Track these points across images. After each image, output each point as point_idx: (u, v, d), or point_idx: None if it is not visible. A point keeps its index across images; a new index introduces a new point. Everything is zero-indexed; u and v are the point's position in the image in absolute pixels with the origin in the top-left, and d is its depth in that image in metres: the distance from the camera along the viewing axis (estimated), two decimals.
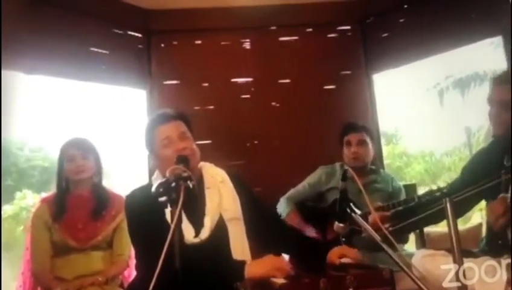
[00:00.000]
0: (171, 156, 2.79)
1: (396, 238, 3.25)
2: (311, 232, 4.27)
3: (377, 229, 2.90)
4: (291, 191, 4.63)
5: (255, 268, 2.56)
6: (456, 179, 3.60)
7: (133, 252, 3.72)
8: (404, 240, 4.32)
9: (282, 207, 4.51)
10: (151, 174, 3.29)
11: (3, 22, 4.19)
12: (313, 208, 4.51)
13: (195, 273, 2.29)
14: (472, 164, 3.55)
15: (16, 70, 4.76)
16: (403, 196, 4.40)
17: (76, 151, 3.90)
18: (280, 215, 4.37)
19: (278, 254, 2.69)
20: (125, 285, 3.90)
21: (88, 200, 3.96)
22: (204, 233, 2.86)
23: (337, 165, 4.60)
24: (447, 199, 2.22)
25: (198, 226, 2.88)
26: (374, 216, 3.68)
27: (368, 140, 4.43)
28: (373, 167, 4.53)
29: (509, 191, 2.92)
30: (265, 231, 3.13)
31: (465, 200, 3.04)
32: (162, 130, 2.96)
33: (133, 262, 3.72)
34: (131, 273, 4.05)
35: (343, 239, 4.02)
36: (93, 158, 3.98)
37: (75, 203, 3.92)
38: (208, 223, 2.90)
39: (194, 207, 2.89)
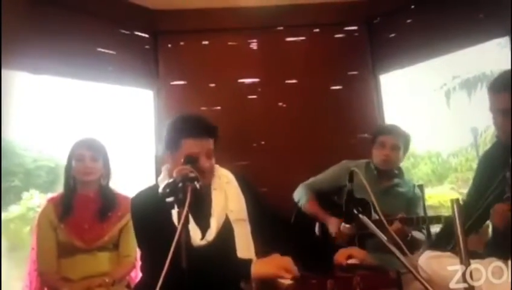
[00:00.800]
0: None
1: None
2: (333, 224, 4.21)
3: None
4: (311, 179, 4.62)
5: (261, 267, 2.56)
6: (469, 190, 3.59)
7: (138, 253, 3.73)
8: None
9: (300, 194, 4.52)
10: (158, 175, 3.29)
11: (9, 23, 4.19)
12: (332, 202, 4.48)
13: (202, 274, 2.30)
14: (478, 171, 3.54)
15: (21, 70, 4.78)
16: (420, 205, 4.44)
17: (86, 152, 3.92)
18: (287, 217, 4.36)
19: (285, 253, 2.69)
20: (132, 286, 3.92)
21: (94, 201, 3.99)
22: (211, 235, 2.89)
23: (362, 162, 4.55)
24: (454, 200, 2.21)
25: (204, 227, 2.91)
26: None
27: (401, 146, 4.40)
28: (396, 171, 4.50)
29: None
30: (272, 232, 3.14)
31: (479, 215, 3.04)
32: (191, 145, 2.94)
33: (139, 263, 3.72)
34: (137, 275, 4.05)
35: (357, 241, 4.01)
36: (102, 160, 4.01)
37: (82, 204, 3.95)
38: (214, 224, 2.93)
39: (201, 208, 2.90)
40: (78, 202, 3.96)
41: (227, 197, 3.09)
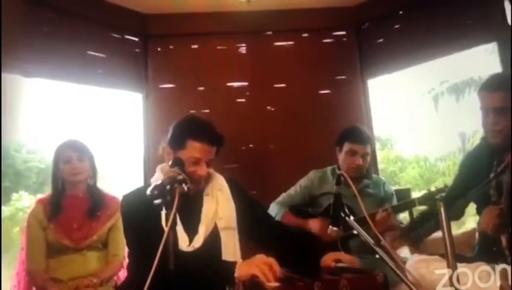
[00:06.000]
0: (189, 172, 2.78)
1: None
2: (314, 223, 4.19)
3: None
4: (283, 196, 4.57)
5: (244, 267, 2.55)
6: (450, 187, 3.63)
7: (126, 251, 3.74)
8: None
9: (273, 211, 4.41)
10: (146, 177, 3.27)
11: (1, 25, 4.20)
12: (307, 213, 4.47)
13: (187, 277, 2.29)
14: (462, 170, 3.57)
15: (13, 73, 4.76)
16: (394, 201, 4.40)
17: (72, 153, 3.94)
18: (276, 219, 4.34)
19: (272, 255, 2.69)
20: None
21: (83, 200, 4.01)
22: (198, 241, 2.89)
23: (329, 169, 4.55)
24: (441, 203, 2.23)
25: (192, 232, 2.91)
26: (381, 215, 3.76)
27: (370, 151, 4.37)
28: (364, 172, 4.45)
29: (503, 196, 2.94)
30: (262, 236, 3.15)
31: (456, 206, 3.06)
32: (197, 148, 2.92)
33: (127, 261, 3.71)
34: (125, 275, 4.05)
35: (340, 244, 4.01)
36: (88, 160, 4.02)
37: (71, 204, 3.97)
38: (203, 230, 2.93)
39: (190, 212, 2.91)
40: (67, 202, 3.97)
41: (218, 203, 3.07)
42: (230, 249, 3.00)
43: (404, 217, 4.47)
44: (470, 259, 3.05)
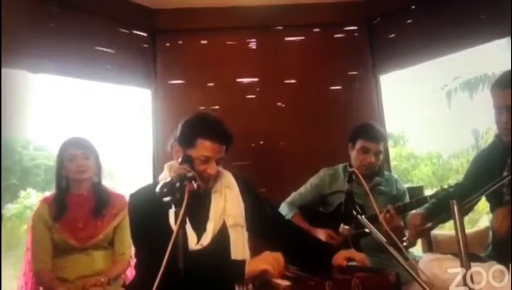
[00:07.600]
0: (198, 171, 2.75)
1: None
2: (320, 233, 4.12)
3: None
4: (293, 195, 4.54)
5: (253, 264, 2.58)
6: (461, 182, 3.59)
7: (133, 251, 3.70)
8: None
9: (284, 212, 4.37)
10: (155, 174, 3.24)
11: (8, 22, 4.17)
12: (318, 212, 4.43)
13: (196, 276, 2.26)
14: (475, 166, 3.52)
15: (20, 69, 4.74)
16: (407, 198, 4.35)
17: (77, 151, 3.91)
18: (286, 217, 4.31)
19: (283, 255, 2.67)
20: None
21: (88, 199, 3.98)
22: (206, 239, 2.87)
23: (340, 167, 4.50)
24: (454, 201, 2.19)
25: (200, 230, 2.89)
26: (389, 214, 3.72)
27: (383, 149, 4.33)
28: (376, 170, 4.41)
29: None
30: (271, 234, 3.12)
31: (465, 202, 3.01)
32: (207, 147, 2.90)
33: (134, 261, 3.69)
34: (133, 273, 4.02)
35: (351, 242, 3.98)
36: (93, 158, 3.99)
37: (76, 203, 3.94)
38: (211, 228, 2.91)
39: (199, 211, 2.88)
40: (72, 201, 3.94)
41: (227, 201, 3.05)
42: (239, 246, 2.97)
43: None
44: (483, 258, 3.02)
